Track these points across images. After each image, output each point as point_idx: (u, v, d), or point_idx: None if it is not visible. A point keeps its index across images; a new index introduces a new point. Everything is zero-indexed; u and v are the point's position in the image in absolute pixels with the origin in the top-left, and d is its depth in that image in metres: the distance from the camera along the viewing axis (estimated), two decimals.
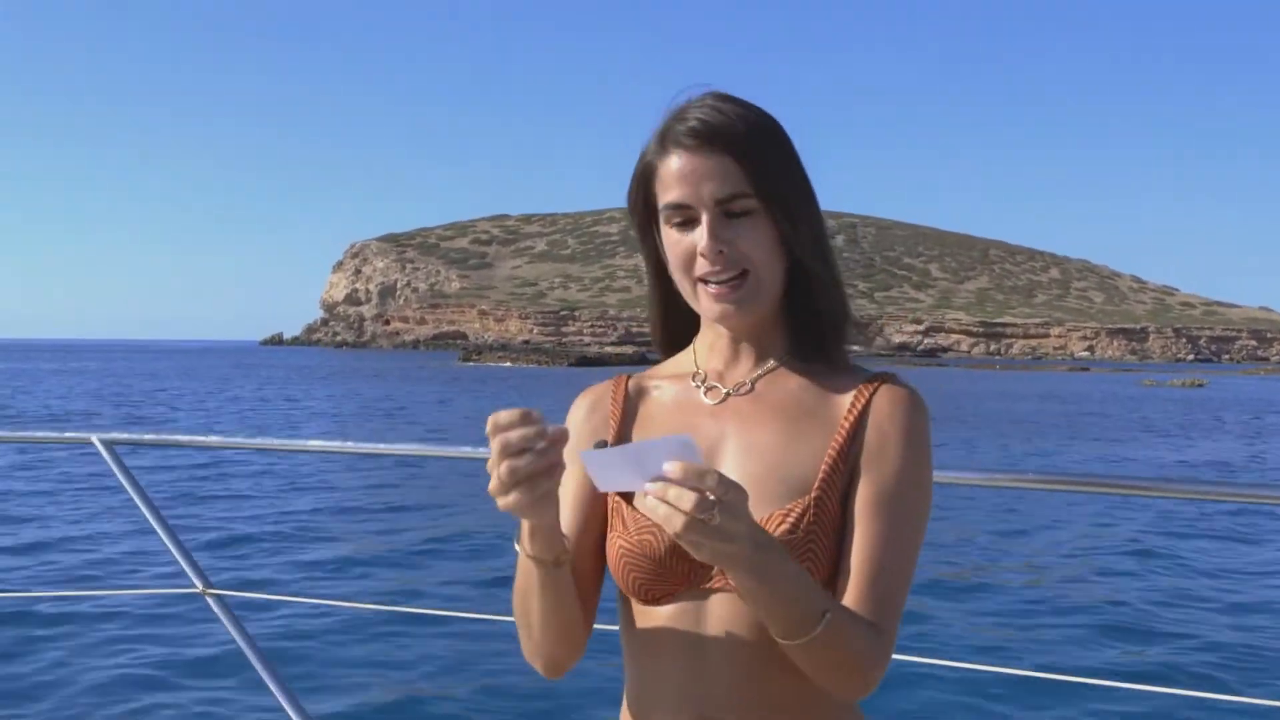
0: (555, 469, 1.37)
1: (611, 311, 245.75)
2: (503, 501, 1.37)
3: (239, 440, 3.34)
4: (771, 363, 1.72)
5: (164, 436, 3.36)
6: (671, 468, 1.31)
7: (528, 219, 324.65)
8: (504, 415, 1.35)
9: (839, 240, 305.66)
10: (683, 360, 1.80)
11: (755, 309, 1.64)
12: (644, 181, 1.69)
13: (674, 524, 1.30)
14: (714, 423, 1.68)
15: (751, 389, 1.70)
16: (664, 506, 1.30)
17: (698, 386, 1.73)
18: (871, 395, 1.62)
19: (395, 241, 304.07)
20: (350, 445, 3.19)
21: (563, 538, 1.54)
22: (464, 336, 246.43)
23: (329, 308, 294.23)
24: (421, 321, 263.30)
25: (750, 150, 1.60)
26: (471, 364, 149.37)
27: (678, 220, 1.63)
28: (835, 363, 1.68)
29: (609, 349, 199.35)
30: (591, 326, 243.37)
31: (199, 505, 16.49)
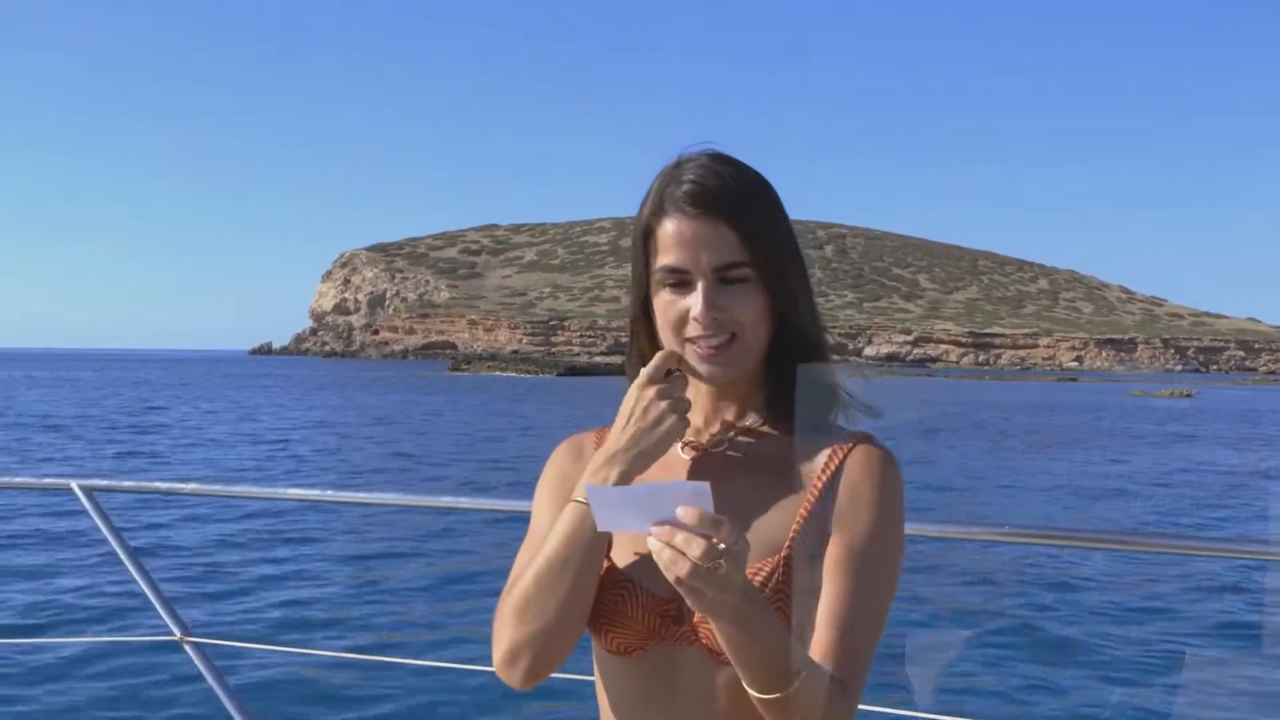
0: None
1: (600, 321, 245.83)
2: (670, 422, 1.60)
3: (218, 488, 3.33)
4: (750, 421, 1.72)
5: (143, 484, 3.36)
6: (686, 513, 1.31)
7: (517, 229, 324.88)
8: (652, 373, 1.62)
9: (828, 251, 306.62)
10: None
11: (740, 369, 1.66)
12: (641, 241, 1.71)
13: (678, 569, 1.30)
14: (690, 478, 1.68)
15: (729, 446, 1.71)
16: (669, 551, 1.30)
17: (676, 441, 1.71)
18: (846, 456, 1.62)
19: (384, 251, 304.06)
20: (330, 494, 3.18)
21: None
22: (453, 346, 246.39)
23: (318, 317, 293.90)
24: (410, 331, 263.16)
25: (746, 217, 1.63)
26: (461, 373, 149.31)
27: (672, 283, 1.65)
28: (815, 422, 1.68)
29: (598, 358, 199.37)
30: (581, 336, 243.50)
31: (176, 549, 16.37)
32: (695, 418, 1.74)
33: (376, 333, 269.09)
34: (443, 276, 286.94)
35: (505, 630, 1.62)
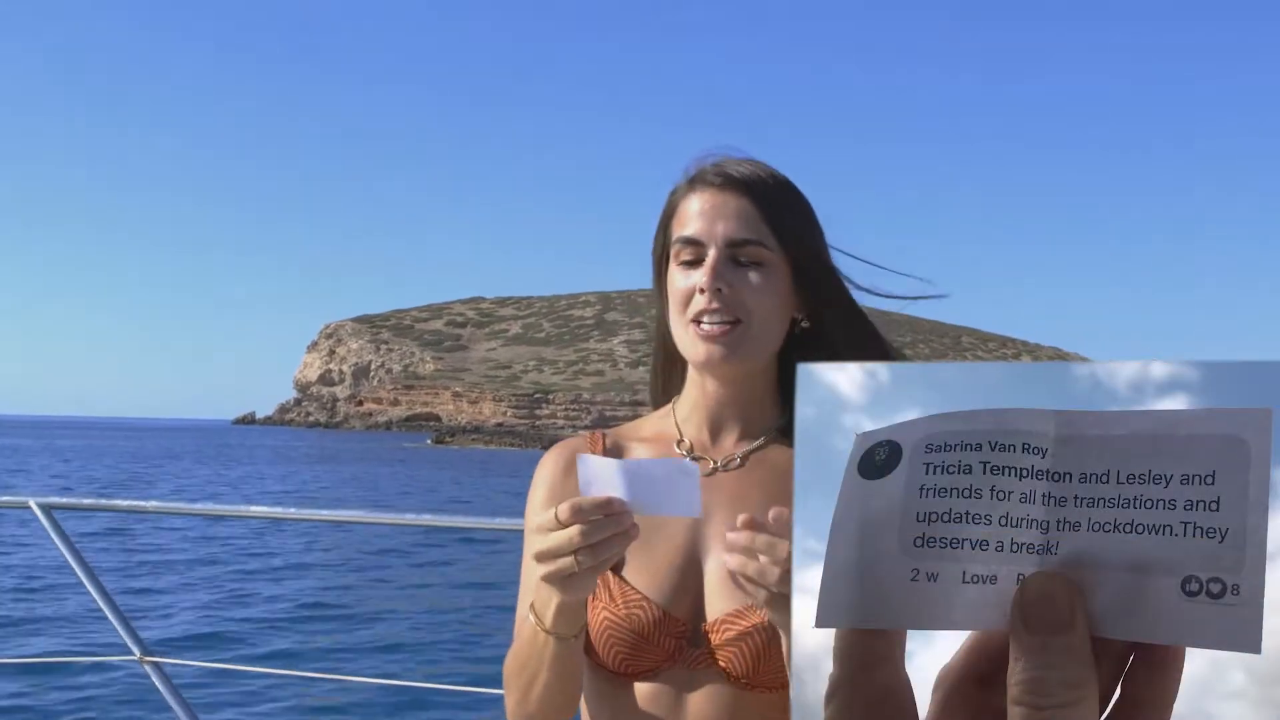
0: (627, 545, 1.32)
1: (585, 395, 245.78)
2: (566, 585, 1.33)
3: (179, 505, 3.34)
4: (762, 439, 1.64)
5: (102, 501, 3.35)
6: (741, 539, 1.26)
7: (502, 302, 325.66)
8: (587, 502, 1.29)
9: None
10: (661, 422, 1.73)
11: (744, 361, 1.57)
12: (665, 220, 1.64)
13: (768, 578, 1.24)
14: (703, 498, 1.57)
15: (741, 464, 1.63)
16: (753, 564, 1.25)
17: (684, 455, 1.65)
18: None
19: (370, 322, 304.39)
20: (293, 512, 3.18)
21: (585, 610, 1.47)
22: (437, 418, 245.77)
23: (302, 388, 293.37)
24: (395, 403, 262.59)
25: (775, 203, 1.56)
26: (445, 446, 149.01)
27: (686, 258, 1.58)
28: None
29: (582, 432, 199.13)
30: (565, 409, 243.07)
31: (138, 570, 16.30)
32: (701, 431, 1.67)
33: (361, 404, 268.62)
34: (428, 348, 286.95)
35: (507, 690, 1.59)
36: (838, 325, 1.60)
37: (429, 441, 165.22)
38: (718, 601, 1.54)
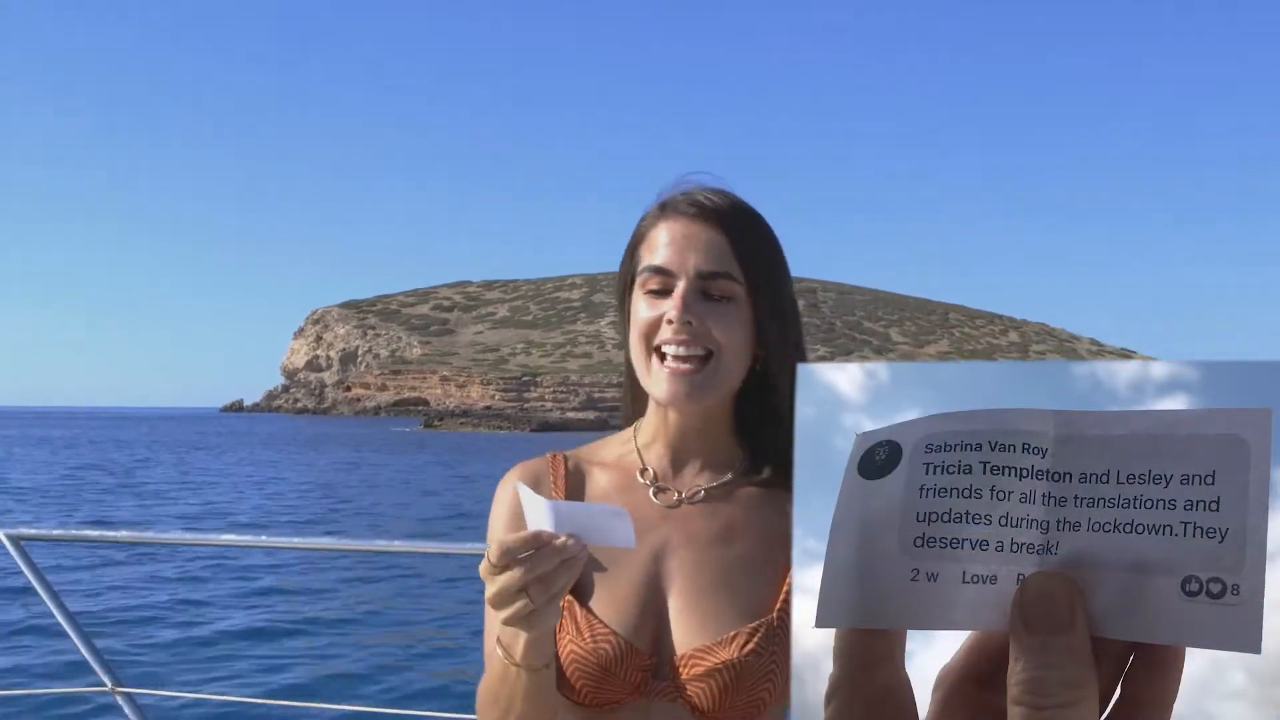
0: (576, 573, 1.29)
1: (573, 377, 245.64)
2: (528, 623, 1.30)
3: (151, 535, 3.31)
4: (729, 476, 1.63)
5: (74, 532, 3.30)
6: None
7: (489, 285, 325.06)
8: (513, 541, 1.26)
9: (799, 305, 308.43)
10: (623, 447, 1.70)
11: (709, 397, 1.55)
12: (633, 246, 1.61)
13: None
14: (662, 526, 1.59)
15: (705, 498, 1.62)
16: None
17: (647, 485, 1.64)
18: None
19: (356, 308, 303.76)
20: (264, 539, 3.16)
21: (554, 639, 1.46)
22: (425, 403, 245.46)
23: (290, 374, 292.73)
24: (383, 388, 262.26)
25: (747, 237, 1.55)
26: (434, 430, 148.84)
27: (653, 287, 1.55)
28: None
29: (571, 414, 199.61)
30: (553, 392, 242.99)
31: (108, 598, 16.17)
32: (663, 461, 1.65)
33: (349, 389, 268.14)
34: (415, 333, 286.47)
35: None
36: (783, 369, 1.56)
37: (419, 426, 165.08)
38: (684, 636, 1.52)
